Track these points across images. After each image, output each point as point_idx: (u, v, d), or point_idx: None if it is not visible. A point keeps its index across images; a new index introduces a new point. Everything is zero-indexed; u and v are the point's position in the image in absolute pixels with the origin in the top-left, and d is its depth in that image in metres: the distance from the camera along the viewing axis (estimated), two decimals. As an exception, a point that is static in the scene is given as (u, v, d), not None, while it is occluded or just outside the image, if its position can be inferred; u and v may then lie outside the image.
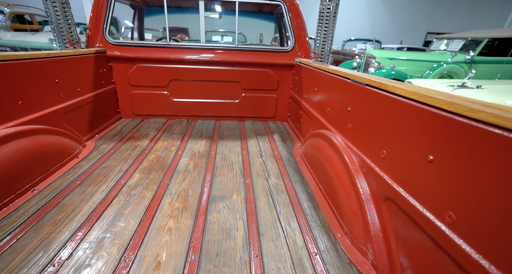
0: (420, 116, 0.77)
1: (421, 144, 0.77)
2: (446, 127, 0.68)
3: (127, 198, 1.26)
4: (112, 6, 2.11)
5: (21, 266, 0.89)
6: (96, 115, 2.03)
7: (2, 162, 1.14)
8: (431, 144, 0.73)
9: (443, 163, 0.68)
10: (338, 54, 8.63)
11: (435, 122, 0.71)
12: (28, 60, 1.36)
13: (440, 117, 0.70)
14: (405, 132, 0.84)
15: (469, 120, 0.61)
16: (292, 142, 2.11)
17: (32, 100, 1.39)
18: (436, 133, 0.71)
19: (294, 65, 2.38)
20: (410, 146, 0.82)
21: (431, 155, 0.72)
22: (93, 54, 1.95)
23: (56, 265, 0.89)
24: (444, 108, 0.68)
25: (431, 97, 0.73)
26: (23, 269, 0.87)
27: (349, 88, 1.26)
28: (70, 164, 1.54)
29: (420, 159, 0.77)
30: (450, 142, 0.66)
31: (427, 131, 0.74)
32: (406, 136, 0.84)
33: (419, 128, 0.78)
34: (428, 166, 0.74)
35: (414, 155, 0.79)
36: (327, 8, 2.02)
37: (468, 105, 0.62)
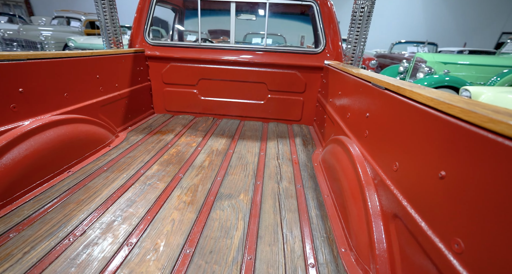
0: (435, 125, 0.68)
1: (433, 157, 0.67)
2: (462, 139, 0.58)
3: (142, 187, 1.36)
4: (152, 12, 2.30)
5: (45, 235, 1.01)
6: (131, 109, 2.22)
7: (45, 144, 1.32)
8: (443, 158, 0.63)
9: (455, 181, 0.59)
10: (385, 58, 8.03)
11: (450, 132, 0.62)
12: (75, 58, 1.55)
13: (456, 128, 0.60)
14: (419, 143, 0.74)
15: (487, 132, 0.52)
16: (313, 147, 2.03)
17: (75, 93, 1.58)
18: (450, 146, 0.61)
19: (323, 68, 2.29)
20: (422, 159, 0.72)
21: (443, 171, 0.63)
22: (132, 53, 2.15)
23: (71, 239, 1.00)
24: (461, 117, 0.59)
25: (448, 104, 0.63)
26: (45, 239, 0.99)
27: (369, 92, 1.17)
28: (102, 151, 1.71)
29: (431, 174, 0.67)
30: (464, 157, 0.57)
31: (441, 143, 0.65)
32: (419, 147, 0.74)
33: (433, 138, 0.68)
34: (438, 183, 0.64)
35: (425, 169, 0.70)
36: (361, 7, 1.90)
37: (488, 114, 0.52)
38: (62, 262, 0.91)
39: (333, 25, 2.24)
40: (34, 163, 1.26)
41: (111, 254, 0.95)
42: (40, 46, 7.00)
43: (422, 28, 12.34)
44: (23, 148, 1.22)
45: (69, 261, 0.91)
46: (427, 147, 0.71)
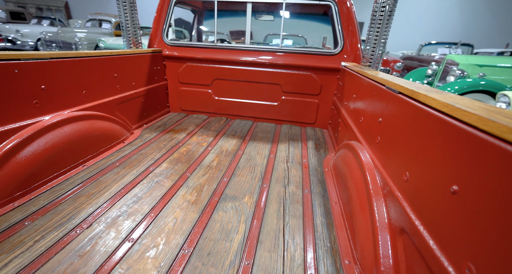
0: (449, 133, 0.61)
1: (445, 170, 0.61)
2: (478, 151, 0.51)
3: (150, 184, 1.39)
4: (170, 13, 2.36)
5: (55, 226, 1.06)
6: (147, 107, 2.29)
7: (63, 139, 1.40)
8: (457, 171, 0.57)
9: (469, 197, 0.52)
10: (412, 60, 7.61)
11: (465, 143, 0.55)
12: (94, 57, 1.63)
13: (472, 138, 0.54)
14: (431, 152, 0.68)
15: (507, 144, 0.45)
16: (326, 152, 1.96)
17: (93, 90, 1.66)
18: (464, 158, 0.55)
19: (340, 70, 2.21)
20: (433, 170, 0.65)
21: (455, 185, 0.56)
22: (149, 53, 2.22)
23: (77, 232, 1.04)
24: (478, 127, 0.52)
25: (464, 110, 0.57)
26: (55, 230, 1.04)
27: (383, 96, 1.09)
28: (116, 147, 1.78)
29: (442, 188, 0.61)
30: (479, 172, 0.50)
31: (455, 154, 0.58)
32: (431, 157, 0.67)
33: (446, 148, 0.61)
34: (450, 198, 0.58)
35: (436, 182, 0.63)
36: (382, 7, 1.80)
37: (508, 124, 0.45)
38: (67, 253, 0.94)
39: (352, 25, 2.15)
40: (52, 156, 1.34)
41: (113, 249, 0.97)
42: (75, 47, 7.51)
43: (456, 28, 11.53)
44: (42, 142, 1.29)
45: (74, 252, 0.95)
46: (439, 157, 0.64)
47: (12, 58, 1.16)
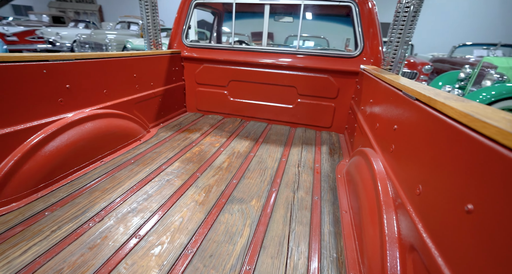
0: (466, 146, 0.56)
1: (461, 186, 0.55)
2: (497, 167, 0.46)
3: (160, 183, 1.42)
4: (190, 15, 2.42)
5: (71, 218, 1.13)
6: (164, 106, 2.37)
7: (84, 135, 1.48)
8: (473, 188, 0.51)
9: (484, 218, 0.47)
10: (444, 63, 7.14)
11: (483, 158, 0.50)
12: (115, 58, 1.71)
13: (491, 152, 0.48)
14: (446, 166, 0.62)
15: None
16: (340, 157, 1.90)
17: (113, 90, 1.74)
18: (481, 174, 0.50)
19: (359, 73, 2.13)
20: (448, 186, 0.60)
21: (470, 204, 0.51)
22: (168, 54, 2.29)
23: (90, 225, 1.09)
24: (498, 140, 0.47)
25: (483, 122, 0.51)
26: (70, 222, 1.11)
27: (399, 102, 1.03)
28: (132, 145, 1.86)
29: (456, 206, 0.55)
30: (497, 190, 0.45)
31: (471, 169, 0.53)
32: (446, 170, 0.62)
33: (462, 162, 0.56)
34: (464, 218, 0.52)
35: (450, 199, 0.58)
36: (406, 7, 1.71)
37: None
38: (79, 244, 0.99)
39: (373, 27, 2.07)
40: (73, 151, 1.42)
41: (120, 244, 1.00)
42: (105, 47, 7.98)
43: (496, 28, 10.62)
44: (65, 138, 1.38)
45: (85, 244, 0.99)
46: (454, 172, 0.58)
47: (41, 59, 1.25)
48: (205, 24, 9.75)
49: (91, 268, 0.89)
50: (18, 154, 1.20)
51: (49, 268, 0.89)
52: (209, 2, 2.39)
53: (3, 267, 0.89)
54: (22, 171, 1.22)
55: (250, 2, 2.24)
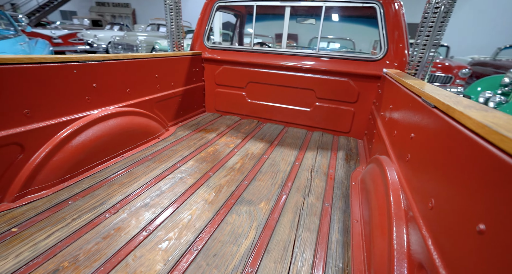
0: (481, 160, 0.51)
1: (473, 204, 0.51)
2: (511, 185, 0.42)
3: (174, 180, 1.48)
4: (212, 18, 2.48)
5: (90, 208, 1.21)
6: (183, 106, 2.45)
7: (107, 131, 1.58)
8: (485, 208, 0.47)
9: (498, 240, 0.43)
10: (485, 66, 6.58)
11: (499, 174, 0.46)
12: (139, 60, 1.81)
13: (507, 168, 0.44)
14: (460, 180, 0.58)
15: None
16: (357, 164, 1.83)
17: (135, 89, 1.84)
18: (496, 192, 0.45)
19: (381, 77, 2.04)
20: (460, 202, 0.56)
21: (482, 224, 0.47)
22: (189, 56, 2.37)
23: (106, 216, 1.16)
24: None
25: (501, 135, 0.47)
26: (89, 212, 1.19)
27: (418, 109, 0.97)
28: (151, 142, 1.94)
29: (467, 226, 0.51)
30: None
31: (485, 186, 0.48)
32: (459, 185, 0.57)
33: (476, 178, 0.52)
34: (476, 238, 0.48)
35: (462, 217, 0.54)
36: (435, 7, 1.61)
37: None
38: (95, 234, 1.06)
39: (398, 29, 1.97)
40: (97, 146, 1.52)
41: (131, 236, 1.06)
42: (135, 48, 8.44)
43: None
44: (90, 133, 1.48)
45: (100, 234, 1.06)
46: (468, 187, 0.54)
47: (72, 60, 1.36)
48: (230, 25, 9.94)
49: (103, 257, 0.95)
50: (50, 146, 1.31)
51: (67, 253, 0.96)
52: (231, 5, 2.43)
53: (30, 248, 0.98)
54: (52, 162, 1.33)
55: (270, 4, 2.24)
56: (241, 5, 2.69)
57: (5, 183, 1.20)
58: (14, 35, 4.48)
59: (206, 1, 2.45)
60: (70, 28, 10.77)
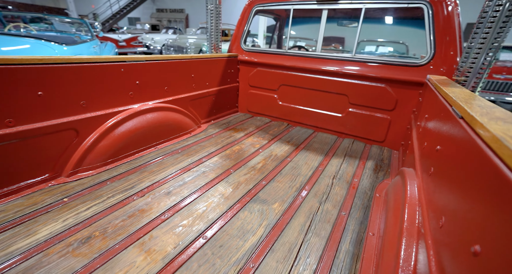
0: (489, 177, 0.46)
1: (471, 223, 0.46)
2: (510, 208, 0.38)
3: (197, 173, 1.58)
4: (250, 22, 2.56)
5: (122, 190, 1.37)
6: (217, 105, 2.58)
7: (145, 124, 1.77)
8: (482, 227, 0.43)
9: (490, 263, 0.39)
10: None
11: (502, 193, 0.41)
12: (177, 60, 1.97)
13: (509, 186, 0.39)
14: (468, 199, 0.52)
15: None
16: (386, 175, 1.71)
17: (173, 87, 2.01)
18: (495, 213, 0.41)
19: (424, 84, 1.87)
20: (461, 222, 0.50)
21: (477, 245, 0.43)
22: (225, 57, 2.49)
23: (134, 198, 1.31)
24: None
25: (509, 150, 0.42)
26: (121, 193, 1.35)
27: (447, 119, 0.88)
28: (183, 137, 2.10)
29: (464, 246, 0.47)
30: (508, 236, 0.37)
31: (486, 206, 0.43)
32: (466, 203, 0.52)
33: (482, 196, 0.47)
34: (471, 260, 0.44)
35: (461, 237, 0.49)
36: (496, 5, 1.42)
37: None
38: (122, 212, 1.21)
39: (450, 31, 1.78)
40: (135, 136, 1.71)
41: (150, 219, 1.17)
42: (185, 50, 9.12)
43: None
44: (130, 124, 1.68)
45: (126, 213, 1.20)
46: (472, 206, 0.49)
47: (120, 60, 1.57)
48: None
49: (125, 232, 1.08)
50: (97, 134, 1.53)
51: (99, 225, 1.12)
52: (269, 9, 2.48)
53: (73, 216, 1.16)
54: (98, 147, 1.54)
55: (307, 7, 2.23)
56: (281, 9, 2.73)
57: (64, 161, 1.44)
58: (90, 39, 5.28)
59: (245, 6, 2.55)
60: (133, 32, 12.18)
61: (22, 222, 1.10)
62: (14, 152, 1.23)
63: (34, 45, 3.25)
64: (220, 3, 2.44)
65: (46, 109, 1.30)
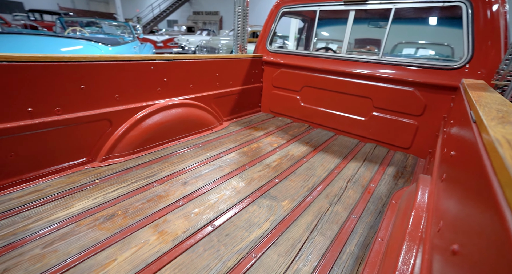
0: (480, 181, 0.45)
1: (460, 225, 0.45)
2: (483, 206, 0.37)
3: (213, 167, 1.66)
4: (276, 23, 2.60)
5: (143, 177, 1.50)
6: (239, 104, 2.66)
7: (169, 118, 1.90)
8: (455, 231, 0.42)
9: (467, 261, 0.39)
10: None
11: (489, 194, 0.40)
12: (203, 60, 2.08)
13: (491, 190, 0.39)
14: (464, 203, 0.51)
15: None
16: (406, 183, 1.63)
17: (197, 85, 2.13)
18: (470, 216, 0.40)
19: (457, 88, 1.74)
20: (456, 226, 0.49)
21: (456, 245, 0.42)
22: (249, 58, 2.55)
23: (154, 185, 1.43)
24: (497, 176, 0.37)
25: (498, 154, 0.41)
26: (143, 179, 1.47)
27: (464, 123, 0.84)
28: (205, 132, 2.21)
29: (446, 247, 0.46)
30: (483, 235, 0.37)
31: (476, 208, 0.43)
32: (463, 208, 0.51)
33: (473, 200, 0.46)
34: (450, 259, 0.44)
35: (444, 240, 0.48)
36: None
37: None
38: (143, 196, 1.33)
39: (492, 32, 1.63)
40: (160, 129, 1.85)
41: (166, 204, 1.27)
42: (217, 51, 9.45)
43: None
44: (156, 118, 1.82)
45: (146, 198, 1.32)
46: (467, 210, 0.48)
47: (151, 59, 1.71)
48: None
49: (143, 214, 1.19)
50: (128, 125, 1.69)
51: (122, 205, 1.24)
52: (296, 11, 2.50)
53: (102, 196, 1.31)
54: (128, 137, 1.70)
55: (334, 8, 2.21)
56: (309, 11, 2.73)
57: (99, 148, 1.62)
58: (131, 41, 5.79)
59: (272, 8, 2.60)
60: (170, 34, 12.93)
61: (63, 197, 1.27)
62: (60, 137, 1.42)
63: (86, 46, 3.67)
64: (248, 6, 2.52)
65: (86, 101, 1.48)
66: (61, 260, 0.93)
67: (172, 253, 0.99)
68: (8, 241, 1.00)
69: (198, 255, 0.99)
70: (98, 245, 1.01)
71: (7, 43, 3.10)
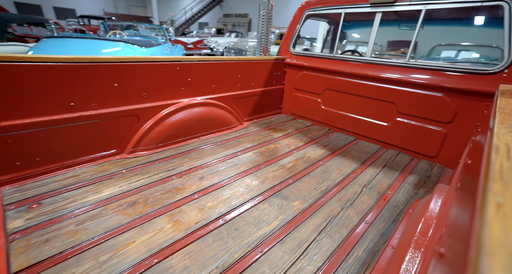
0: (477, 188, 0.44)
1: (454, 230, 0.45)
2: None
3: (230, 165, 1.72)
4: (300, 26, 2.61)
5: (164, 170, 1.61)
6: (260, 105, 2.70)
7: (192, 116, 2.01)
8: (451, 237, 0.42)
9: (451, 264, 0.39)
10: None
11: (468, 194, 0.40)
12: (226, 62, 2.16)
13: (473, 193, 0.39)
14: (464, 209, 0.50)
15: None
16: (428, 193, 1.55)
17: (219, 85, 2.22)
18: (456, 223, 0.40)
19: (494, 94, 1.61)
20: (454, 232, 0.49)
21: (442, 248, 0.43)
22: (272, 60, 2.59)
23: (174, 178, 1.53)
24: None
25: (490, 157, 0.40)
26: (164, 172, 1.58)
27: (483, 132, 0.80)
28: (224, 131, 2.29)
29: (437, 253, 0.46)
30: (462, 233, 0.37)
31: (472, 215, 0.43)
32: (463, 214, 0.50)
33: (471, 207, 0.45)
34: (438, 262, 0.44)
35: (439, 246, 0.48)
36: None
37: None
38: (162, 187, 1.43)
39: None
40: (182, 126, 1.97)
41: (183, 196, 1.36)
42: (244, 53, 9.62)
43: None
44: (179, 116, 1.94)
45: (165, 189, 1.42)
46: (464, 215, 0.47)
47: (176, 60, 1.83)
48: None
49: (161, 203, 1.28)
50: (153, 121, 1.82)
51: (143, 194, 1.35)
52: (320, 13, 2.49)
53: (126, 184, 1.43)
54: (153, 132, 1.84)
55: (360, 11, 2.16)
56: (330, 13, 2.70)
57: (127, 141, 1.76)
58: (163, 42, 6.15)
59: (296, 11, 2.61)
60: (201, 36, 13.43)
61: (94, 183, 1.42)
62: (95, 129, 1.58)
63: (123, 48, 4.02)
64: (272, 9, 2.56)
65: (118, 98, 1.63)
66: (90, 237, 1.05)
67: (184, 241, 1.07)
68: (50, 217, 1.15)
69: (207, 245, 1.05)
70: (120, 228, 1.11)
71: (61, 46, 3.67)
